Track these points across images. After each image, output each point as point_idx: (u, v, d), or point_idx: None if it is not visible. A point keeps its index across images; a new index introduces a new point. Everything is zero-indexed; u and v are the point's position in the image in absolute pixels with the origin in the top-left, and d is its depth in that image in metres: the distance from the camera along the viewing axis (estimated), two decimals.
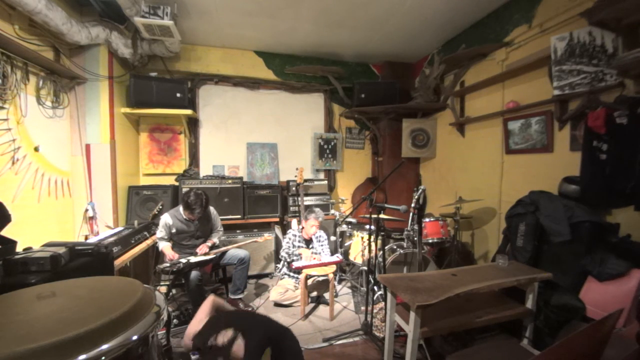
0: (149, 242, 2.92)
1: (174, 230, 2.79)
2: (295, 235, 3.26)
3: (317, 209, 3.26)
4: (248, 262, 2.93)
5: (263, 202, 3.81)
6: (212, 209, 3.03)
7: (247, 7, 3.01)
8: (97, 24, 2.85)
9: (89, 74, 2.94)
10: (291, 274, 3.15)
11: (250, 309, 2.92)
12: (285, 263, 3.19)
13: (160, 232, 2.78)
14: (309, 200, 3.93)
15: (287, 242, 3.24)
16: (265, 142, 4.21)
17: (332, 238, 3.69)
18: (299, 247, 3.21)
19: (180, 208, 2.80)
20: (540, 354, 1.15)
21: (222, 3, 2.94)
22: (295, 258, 3.09)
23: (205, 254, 2.79)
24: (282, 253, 3.23)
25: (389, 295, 1.95)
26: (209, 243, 2.89)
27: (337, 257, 3.12)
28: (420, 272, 2.48)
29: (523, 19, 2.77)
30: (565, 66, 2.32)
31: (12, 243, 1.67)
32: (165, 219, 2.78)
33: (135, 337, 0.98)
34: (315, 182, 4.10)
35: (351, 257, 3.50)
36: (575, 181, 2.28)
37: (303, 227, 3.21)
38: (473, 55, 3.32)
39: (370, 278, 2.69)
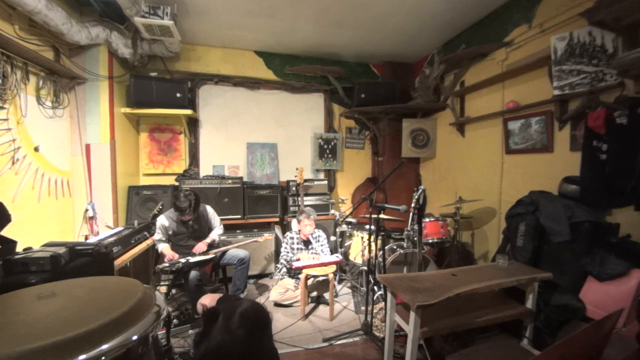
0: (148, 242, 2.92)
1: (170, 232, 2.79)
2: (293, 238, 3.25)
3: (307, 208, 3.26)
4: (248, 262, 2.93)
5: (263, 202, 3.81)
6: (208, 208, 3.02)
7: (247, 7, 3.02)
8: (97, 24, 2.85)
9: (89, 74, 2.94)
10: (291, 273, 3.15)
11: None
12: (285, 268, 3.18)
13: (158, 234, 2.79)
14: (309, 200, 3.93)
15: (285, 248, 3.24)
16: (265, 142, 4.21)
17: (332, 238, 3.69)
18: (298, 249, 3.21)
19: None
20: (540, 354, 1.15)
21: (222, 3, 2.94)
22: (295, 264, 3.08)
23: (204, 253, 2.76)
24: (281, 260, 3.22)
25: (389, 295, 1.95)
26: (207, 240, 2.86)
27: (337, 257, 3.12)
28: (420, 272, 2.48)
29: (523, 19, 2.77)
30: (565, 66, 2.32)
31: (12, 243, 1.67)
32: (162, 220, 2.78)
33: (135, 337, 0.98)
34: (315, 182, 4.10)
35: (351, 257, 3.50)
36: (575, 181, 2.28)
37: (300, 229, 3.21)
38: (473, 55, 3.32)
39: (370, 278, 2.69)
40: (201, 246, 2.79)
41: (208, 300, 1.26)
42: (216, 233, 2.99)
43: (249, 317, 0.96)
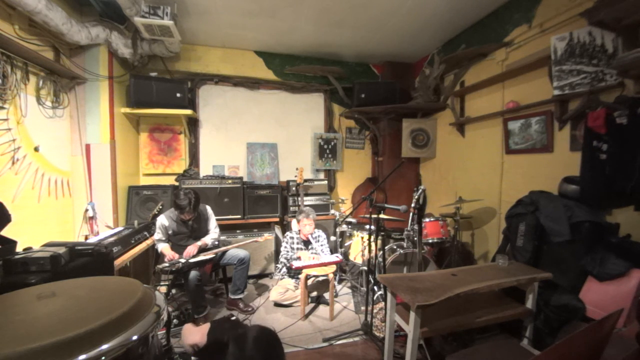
0: (148, 242, 2.92)
1: (170, 232, 2.79)
2: (293, 238, 3.25)
3: (306, 208, 3.25)
4: (248, 262, 2.93)
5: (263, 202, 3.81)
6: (208, 208, 3.01)
7: (247, 7, 3.02)
8: (97, 24, 2.85)
9: (89, 74, 2.94)
10: (291, 273, 3.15)
11: (250, 309, 2.92)
12: (285, 268, 3.18)
13: (158, 234, 2.78)
14: (309, 200, 3.93)
15: (285, 247, 3.24)
16: (265, 142, 4.21)
17: (332, 238, 3.69)
18: (297, 249, 3.21)
19: None
20: (540, 354, 1.14)
21: (222, 3, 2.94)
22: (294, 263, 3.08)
23: (194, 256, 2.69)
24: (281, 259, 3.22)
25: (389, 295, 1.95)
26: (199, 243, 2.79)
27: (337, 257, 3.12)
28: (420, 272, 2.48)
29: (523, 19, 2.77)
30: (565, 66, 2.32)
31: (12, 243, 1.67)
32: (162, 220, 2.78)
33: (135, 337, 0.98)
34: (315, 182, 4.10)
35: (351, 257, 3.50)
36: (575, 181, 2.28)
37: (300, 229, 3.21)
38: (473, 55, 3.32)
39: (370, 278, 2.69)
40: (191, 249, 2.71)
41: (198, 337, 1.17)
42: (210, 237, 2.92)
43: (262, 341, 0.94)
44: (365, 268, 3.06)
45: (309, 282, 2.98)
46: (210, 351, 0.91)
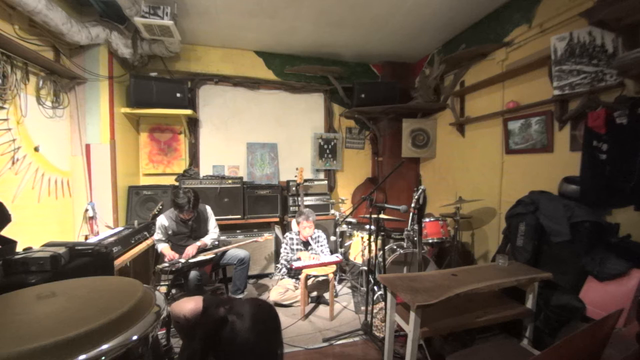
0: (148, 242, 2.92)
1: (170, 232, 2.79)
2: (292, 239, 3.25)
3: (306, 210, 3.25)
4: (248, 262, 2.93)
5: (263, 202, 3.81)
6: (208, 208, 3.01)
7: (247, 7, 3.02)
8: (97, 24, 2.85)
9: (89, 74, 2.94)
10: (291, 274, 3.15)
11: None
12: (285, 269, 3.18)
13: (158, 234, 2.78)
14: (309, 200, 3.93)
15: (285, 248, 3.24)
16: (265, 142, 4.21)
17: (332, 238, 3.69)
18: (297, 250, 3.21)
19: None
20: (540, 354, 1.15)
21: (222, 3, 2.94)
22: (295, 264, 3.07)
23: (194, 256, 2.69)
24: (282, 261, 3.22)
25: (389, 295, 1.95)
26: (198, 243, 2.79)
27: (337, 256, 3.12)
28: (420, 272, 2.48)
29: (523, 19, 2.77)
30: (565, 66, 2.32)
31: (12, 243, 1.67)
32: (161, 220, 2.78)
33: (135, 337, 0.98)
34: (315, 182, 4.10)
35: (351, 257, 3.50)
36: (575, 181, 2.28)
37: (300, 231, 3.21)
38: (473, 55, 3.32)
39: (370, 278, 2.69)
40: (190, 250, 2.72)
41: (192, 304, 1.05)
42: (209, 238, 2.93)
43: (261, 320, 0.86)
44: (365, 268, 3.06)
45: (309, 282, 2.98)
46: (208, 316, 0.83)
